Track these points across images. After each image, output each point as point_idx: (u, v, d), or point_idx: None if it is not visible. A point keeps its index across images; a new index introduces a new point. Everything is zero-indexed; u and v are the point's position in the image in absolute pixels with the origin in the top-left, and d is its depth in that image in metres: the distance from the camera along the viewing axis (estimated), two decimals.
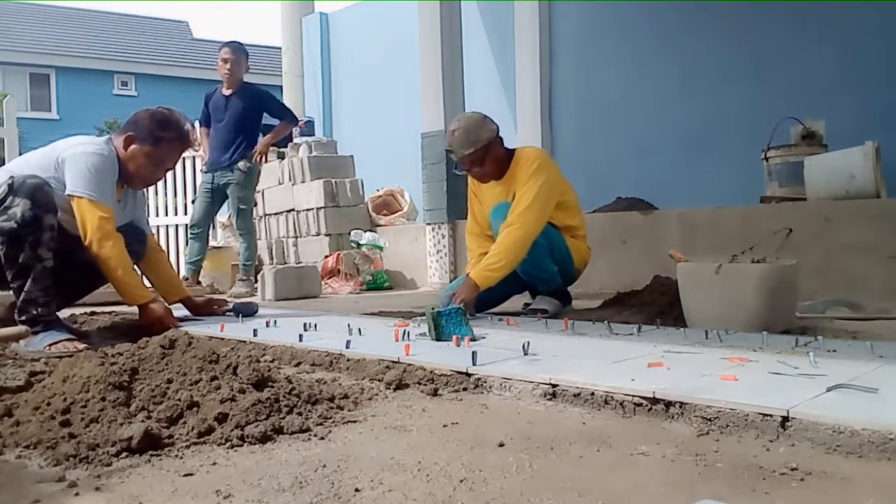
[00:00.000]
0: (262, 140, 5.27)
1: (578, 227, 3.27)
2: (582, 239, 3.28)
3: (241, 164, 5.03)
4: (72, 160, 2.69)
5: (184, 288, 3.32)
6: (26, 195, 2.48)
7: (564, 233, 3.20)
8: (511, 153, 3.18)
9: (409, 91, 6.84)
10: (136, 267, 3.01)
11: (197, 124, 5.24)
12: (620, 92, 6.53)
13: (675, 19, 6.11)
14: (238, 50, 5.12)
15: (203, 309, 3.28)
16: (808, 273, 3.04)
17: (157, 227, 7.05)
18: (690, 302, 2.62)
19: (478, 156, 3.09)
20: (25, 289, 2.48)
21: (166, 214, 7.25)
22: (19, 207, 2.46)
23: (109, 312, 3.48)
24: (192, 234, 5.24)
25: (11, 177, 2.55)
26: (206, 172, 5.28)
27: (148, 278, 3.19)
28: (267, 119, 5.31)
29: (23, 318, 2.46)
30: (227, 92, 5.13)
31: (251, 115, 5.16)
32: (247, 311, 3.28)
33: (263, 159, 5.17)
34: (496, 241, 3.01)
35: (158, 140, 2.85)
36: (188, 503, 1.04)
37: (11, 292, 2.56)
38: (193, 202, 5.40)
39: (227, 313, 3.26)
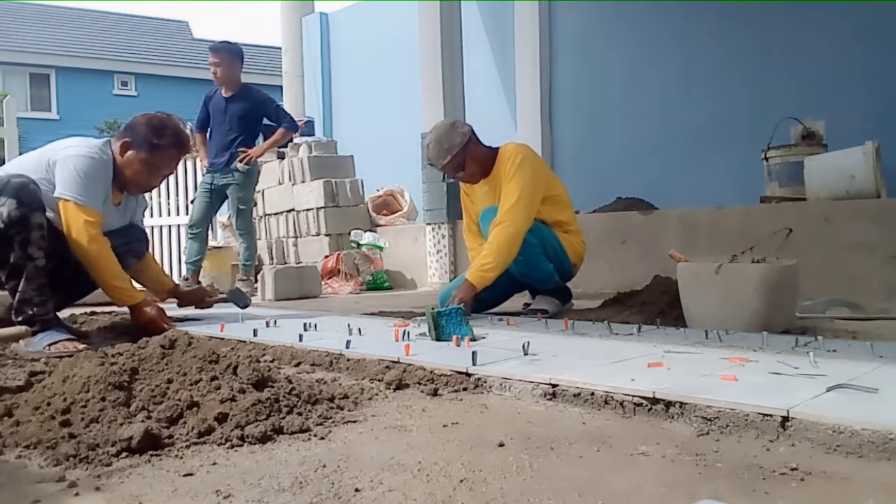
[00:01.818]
0: (260, 144, 5.25)
1: (569, 221, 3.25)
2: (574, 233, 3.26)
3: (239, 165, 5.03)
4: (62, 162, 2.67)
5: (168, 281, 3.33)
6: (11, 195, 2.46)
7: (555, 228, 3.18)
8: (495, 151, 3.17)
9: (409, 91, 6.84)
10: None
11: (192, 129, 5.17)
12: (620, 92, 6.54)
13: (674, 20, 6.11)
14: (222, 50, 5.03)
15: (192, 297, 3.28)
16: (808, 273, 3.03)
17: (160, 227, 7.06)
18: (690, 302, 2.61)
19: (457, 161, 3.10)
20: (20, 289, 2.47)
21: (168, 214, 7.25)
22: (5, 207, 2.44)
23: (109, 312, 3.48)
24: (190, 234, 5.24)
25: None
26: (205, 173, 5.28)
27: (136, 279, 3.15)
28: (268, 121, 5.30)
29: (19, 318, 2.46)
30: (227, 94, 5.11)
31: (251, 118, 5.14)
32: (239, 300, 3.25)
33: (253, 160, 5.12)
34: (488, 240, 3.01)
35: (154, 147, 2.80)
36: (188, 503, 1.04)
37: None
38: (192, 202, 5.39)
39: (221, 297, 3.23)
